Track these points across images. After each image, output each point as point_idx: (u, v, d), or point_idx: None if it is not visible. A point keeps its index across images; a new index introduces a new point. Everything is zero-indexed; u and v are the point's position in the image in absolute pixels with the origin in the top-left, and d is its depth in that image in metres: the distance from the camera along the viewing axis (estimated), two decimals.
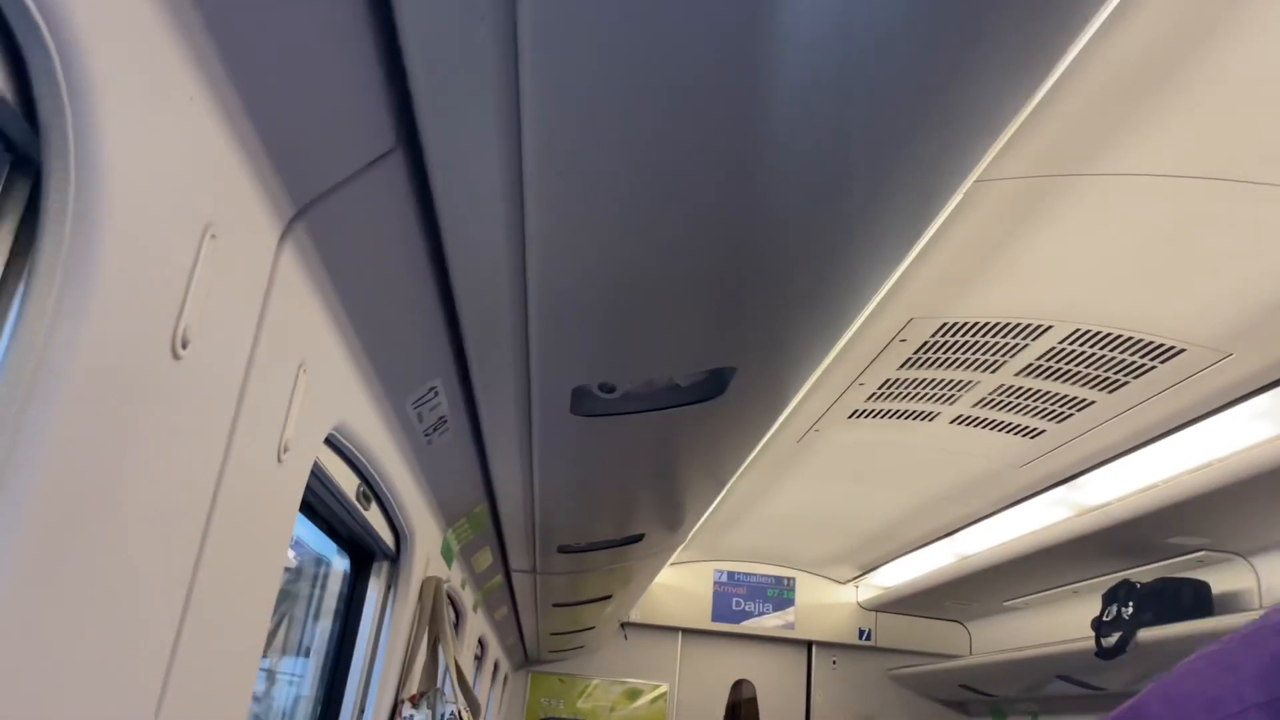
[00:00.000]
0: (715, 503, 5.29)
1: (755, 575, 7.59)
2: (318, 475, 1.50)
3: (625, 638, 7.55)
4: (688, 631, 7.60)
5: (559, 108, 0.98)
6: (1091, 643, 4.67)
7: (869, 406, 4.19)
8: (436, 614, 2.33)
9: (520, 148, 1.04)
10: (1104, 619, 4.69)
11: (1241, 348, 3.19)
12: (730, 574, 7.59)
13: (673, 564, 7.42)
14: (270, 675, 2.34)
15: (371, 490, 1.81)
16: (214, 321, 0.89)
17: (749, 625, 7.51)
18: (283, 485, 1.17)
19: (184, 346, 0.83)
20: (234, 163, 0.88)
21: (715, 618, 7.52)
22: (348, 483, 1.67)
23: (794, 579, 7.58)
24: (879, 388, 3.96)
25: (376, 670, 2.15)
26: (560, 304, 1.47)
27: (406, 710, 2.22)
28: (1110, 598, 4.74)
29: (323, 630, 2.24)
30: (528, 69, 0.92)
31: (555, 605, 4.62)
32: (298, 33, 0.86)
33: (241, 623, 1.11)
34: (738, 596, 7.56)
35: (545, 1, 0.83)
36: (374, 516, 1.95)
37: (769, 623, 7.52)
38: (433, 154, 1.08)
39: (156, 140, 0.75)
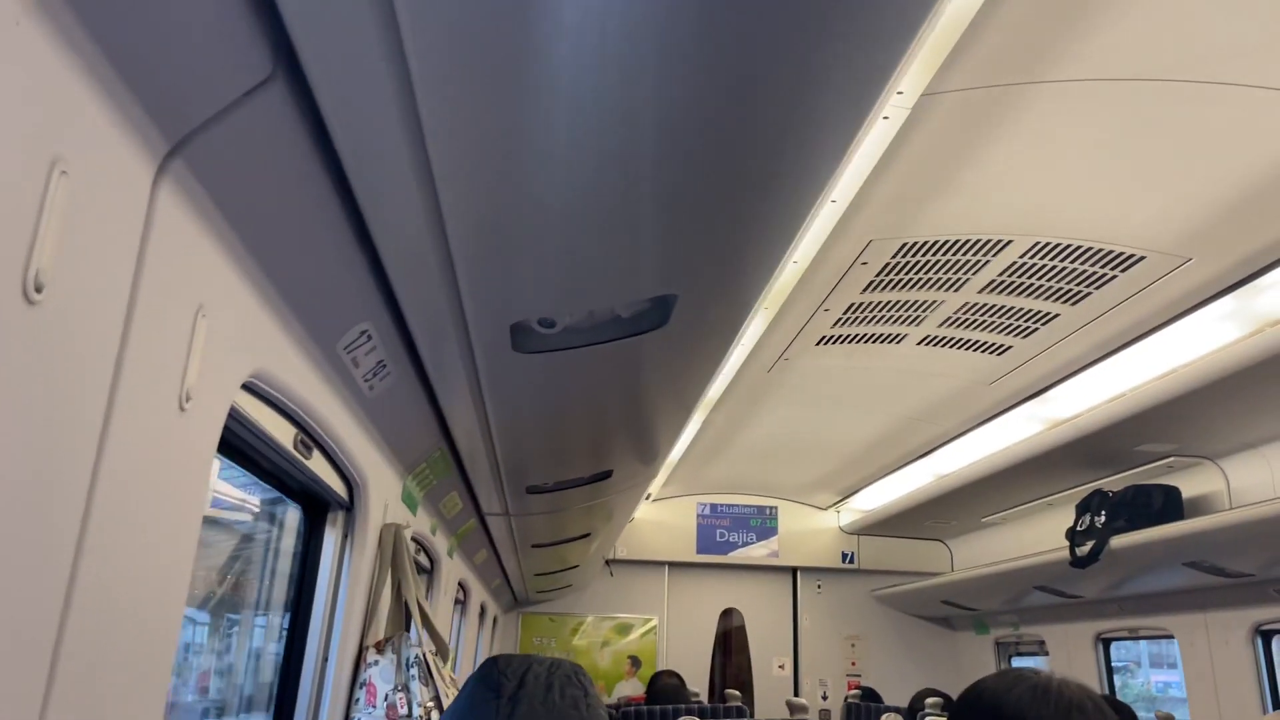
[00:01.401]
0: (686, 435, 5.32)
1: (738, 506, 7.65)
2: (244, 424, 1.46)
3: (611, 574, 7.62)
4: (674, 565, 7.69)
5: (441, 18, 0.93)
6: (1066, 553, 4.74)
7: (836, 332, 4.17)
8: (398, 560, 2.32)
9: (407, 68, 0.99)
10: (1078, 529, 4.75)
11: (1200, 251, 3.17)
12: (713, 506, 7.64)
13: (655, 499, 7.48)
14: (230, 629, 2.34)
15: (311, 439, 1.78)
16: (76, 263, 0.84)
17: (734, 556, 7.60)
18: (190, 434, 1.14)
19: (38, 290, 0.79)
20: (83, 94, 0.83)
21: (700, 550, 7.60)
22: (282, 433, 1.64)
23: (776, 507, 7.65)
24: (844, 313, 3.94)
25: (338, 619, 2.14)
26: (483, 235, 1.42)
27: (372, 656, 2.22)
28: (1083, 507, 4.79)
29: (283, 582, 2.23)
30: None
31: (535, 546, 4.64)
32: None
33: (153, 576, 1.08)
34: (721, 528, 7.63)
35: None
36: (320, 466, 1.92)
37: (754, 552, 7.61)
38: (316, 79, 1.03)
39: None
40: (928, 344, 4.22)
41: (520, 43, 0.98)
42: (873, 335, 4.19)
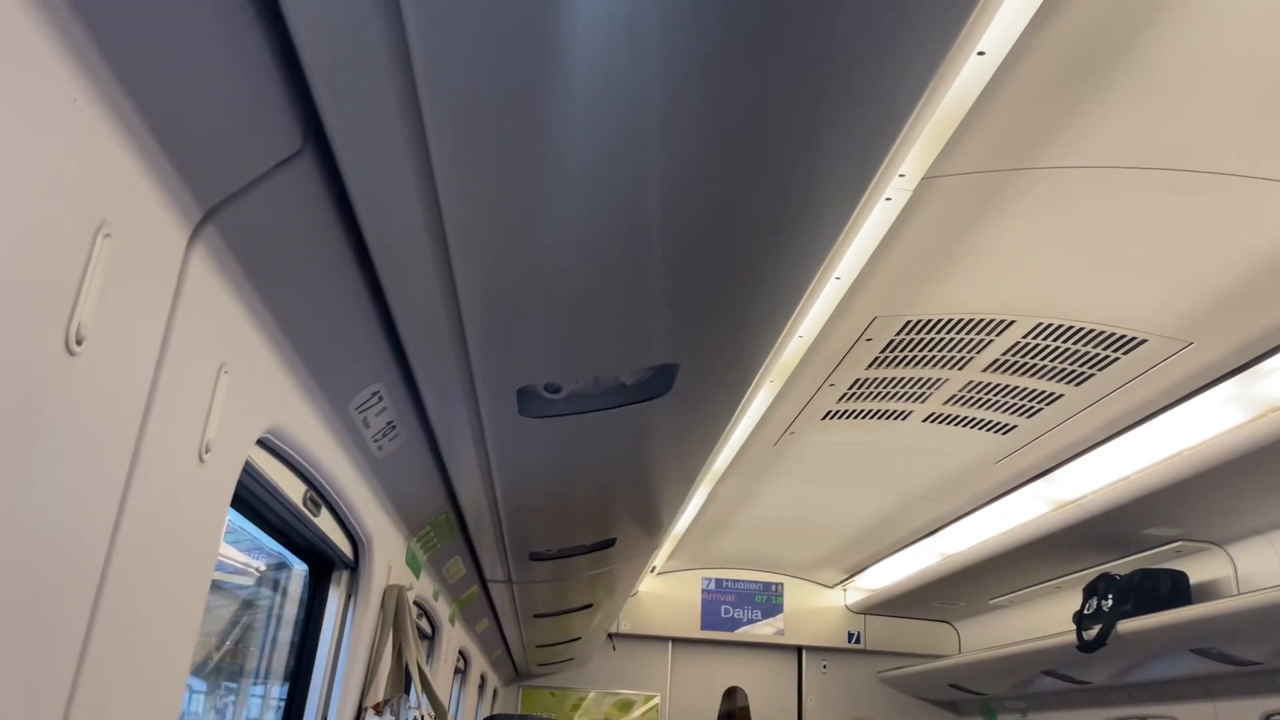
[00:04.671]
0: (692, 507, 5.33)
1: (743, 582, 7.59)
2: (257, 479, 1.51)
3: (614, 649, 7.54)
4: (678, 640, 7.60)
5: (458, 103, 1.01)
6: (1073, 637, 4.69)
7: (841, 407, 4.21)
8: (399, 622, 2.34)
9: (426, 144, 1.06)
10: (1085, 612, 4.70)
11: (1201, 336, 3.22)
12: (718, 581, 7.59)
13: (660, 573, 7.43)
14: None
15: (320, 496, 1.82)
16: (114, 319, 0.91)
17: (739, 633, 7.51)
18: (207, 485, 1.19)
19: (79, 343, 0.85)
20: (129, 165, 0.90)
21: (705, 626, 7.52)
22: (293, 489, 1.68)
23: (782, 584, 7.59)
24: (849, 388, 3.98)
25: (338, 678, 2.15)
26: (493, 303, 1.48)
27: (370, 717, 2.22)
28: (1090, 591, 4.75)
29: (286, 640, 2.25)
30: (420, 63, 0.94)
31: (537, 616, 4.62)
32: (185, 40, 0.88)
33: (165, 620, 1.12)
34: (726, 604, 7.56)
35: None
36: (328, 524, 1.96)
37: (759, 630, 7.52)
38: (342, 154, 1.10)
39: (36, 142, 0.77)
40: (933, 421, 4.26)
41: (534, 123, 1.06)
42: (878, 411, 4.23)
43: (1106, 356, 3.43)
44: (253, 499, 1.60)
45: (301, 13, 0.90)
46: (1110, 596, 4.60)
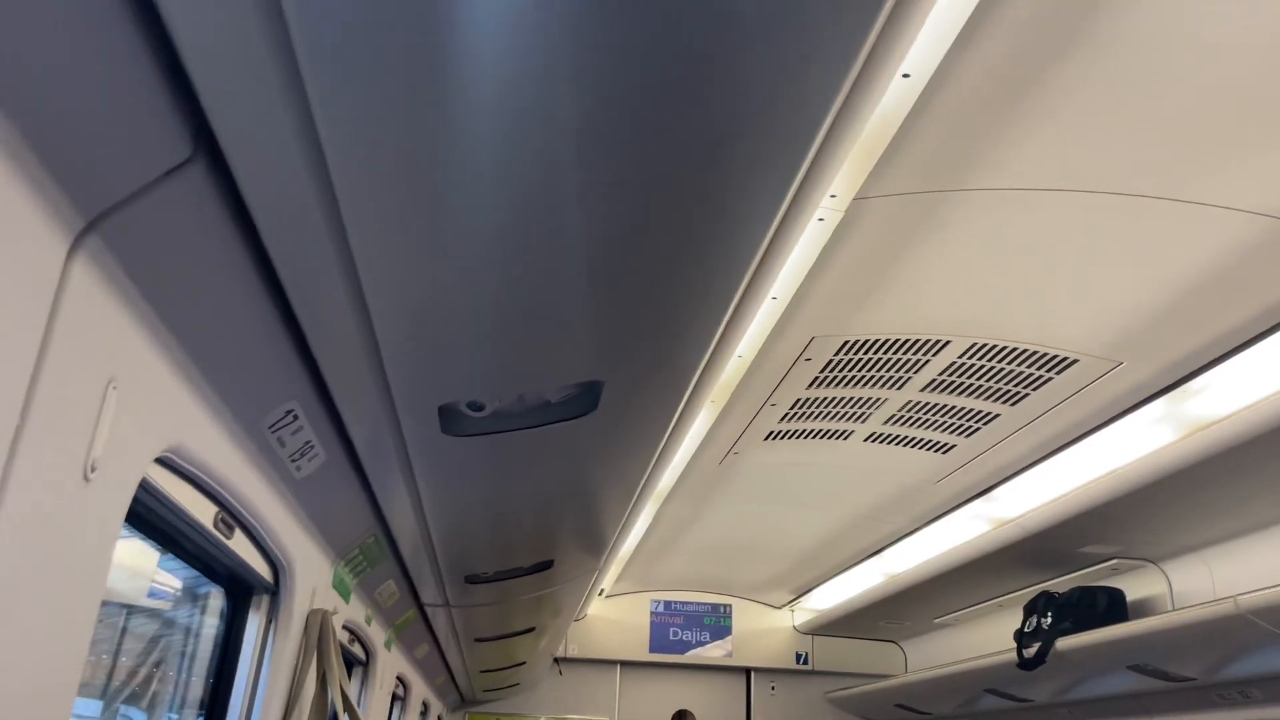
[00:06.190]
0: (638, 528, 5.29)
1: (692, 604, 7.56)
2: (160, 500, 1.46)
3: (561, 673, 7.45)
4: (626, 664, 7.54)
5: (352, 110, 0.98)
6: (1014, 655, 4.72)
7: (784, 427, 4.22)
8: (324, 648, 2.28)
9: (322, 153, 1.04)
10: (1025, 630, 4.75)
11: (1131, 356, 3.27)
12: (667, 603, 7.55)
13: (609, 595, 7.37)
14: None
15: (234, 518, 1.77)
16: None
17: (688, 656, 7.47)
18: (94, 504, 1.14)
19: None
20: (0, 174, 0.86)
21: (653, 649, 7.47)
22: (201, 510, 1.63)
23: (730, 606, 7.57)
24: (791, 408, 3.99)
25: (257, 707, 2.09)
26: (407, 317, 1.45)
27: None
28: (1030, 609, 4.80)
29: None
30: (308, 67, 0.92)
31: (479, 640, 4.55)
32: (57, 48, 0.85)
33: (46, 644, 1.07)
34: (675, 626, 7.52)
35: None
36: (243, 547, 1.90)
37: (708, 652, 7.49)
38: (235, 163, 1.07)
39: None
40: (874, 441, 4.28)
41: (434, 130, 1.03)
42: (819, 431, 4.24)
43: (1040, 376, 3.47)
44: (157, 520, 1.54)
45: (180, 17, 0.87)
46: (1050, 614, 4.65)
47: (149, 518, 1.51)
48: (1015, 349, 3.33)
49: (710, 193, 1.29)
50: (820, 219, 2.54)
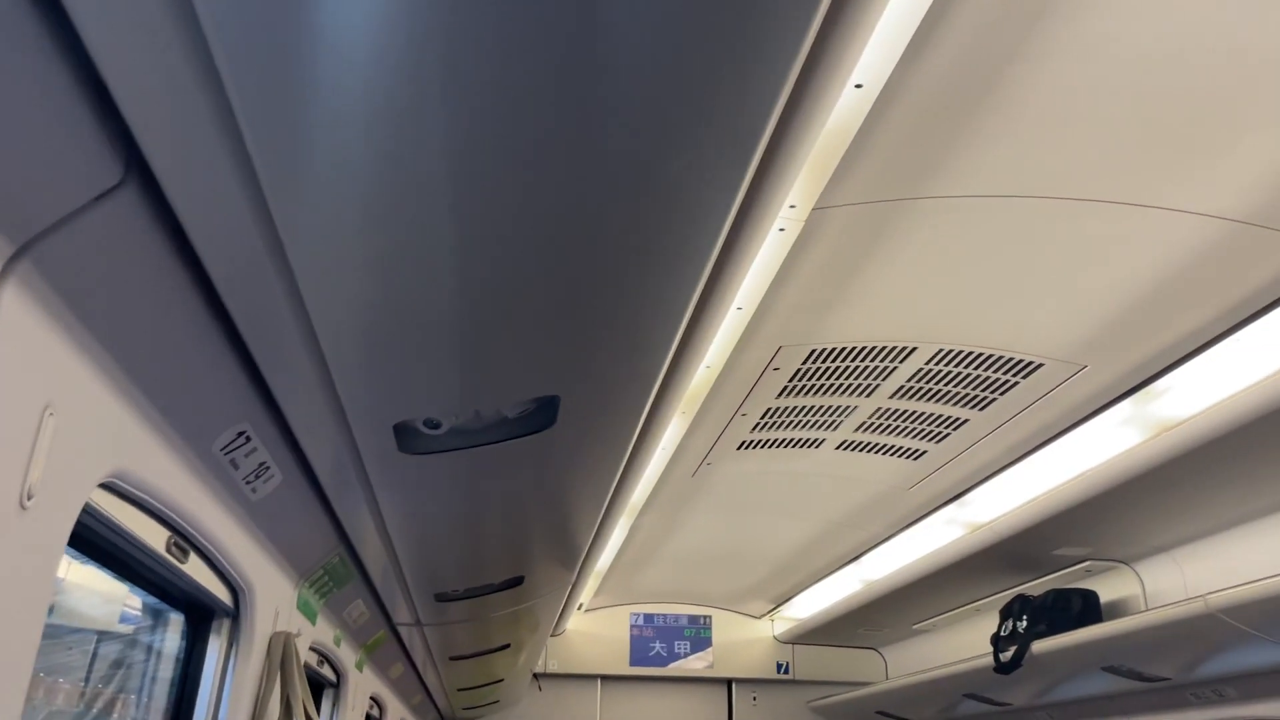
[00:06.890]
0: (614, 541, 5.27)
1: (671, 616, 7.54)
2: (108, 526, 1.44)
3: (540, 689, 7.41)
4: (607, 678, 7.50)
5: (280, 128, 0.97)
6: (991, 659, 4.73)
7: (755, 437, 4.22)
8: (287, 671, 2.25)
9: (254, 174, 1.03)
10: (1001, 634, 4.76)
11: (1094, 359, 3.30)
12: (647, 616, 7.52)
13: (588, 610, 7.34)
14: None
15: (187, 542, 1.75)
16: None
17: (669, 668, 7.45)
18: (32, 531, 1.12)
19: None
20: None
21: (634, 662, 7.44)
22: (152, 535, 1.61)
23: (710, 617, 7.55)
24: (762, 417, 4.00)
25: None
26: (356, 335, 1.44)
27: None
28: (1006, 612, 4.82)
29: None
30: (233, 87, 0.91)
31: (454, 658, 4.51)
32: None
33: None
34: (655, 639, 7.50)
35: (225, 15, 0.82)
36: (200, 571, 1.88)
37: (689, 664, 7.47)
38: (167, 185, 1.06)
39: None
40: (845, 449, 4.29)
41: (372, 145, 1.02)
42: (791, 440, 4.25)
43: (1006, 381, 3.50)
44: (107, 545, 1.52)
45: (98, 38, 0.86)
46: (1025, 617, 4.67)
47: (99, 543, 1.49)
48: (981, 354, 3.36)
49: (657, 203, 1.28)
50: (781, 229, 2.55)
